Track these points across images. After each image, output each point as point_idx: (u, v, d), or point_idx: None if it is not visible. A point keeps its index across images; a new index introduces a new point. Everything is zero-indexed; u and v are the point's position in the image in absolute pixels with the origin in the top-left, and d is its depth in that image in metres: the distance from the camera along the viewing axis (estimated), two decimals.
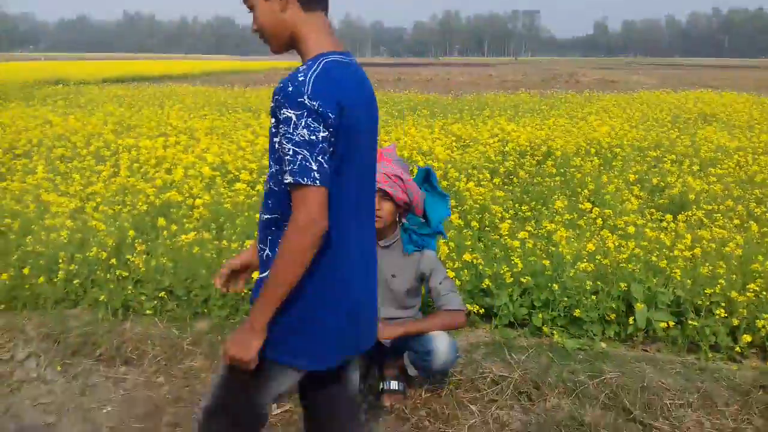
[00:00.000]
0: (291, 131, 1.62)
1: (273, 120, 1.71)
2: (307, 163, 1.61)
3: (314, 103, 1.61)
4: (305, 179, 1.60)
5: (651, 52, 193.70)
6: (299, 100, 1.61)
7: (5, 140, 7.74)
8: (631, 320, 3.65)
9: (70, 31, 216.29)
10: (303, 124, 1.61)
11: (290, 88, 1.63)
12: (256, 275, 1.96)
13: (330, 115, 1.63)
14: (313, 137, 1.61)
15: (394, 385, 3.21)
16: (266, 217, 1.82)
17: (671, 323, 3.64)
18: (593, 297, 3.74)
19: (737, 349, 3.51)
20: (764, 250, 4.27)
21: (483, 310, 3.81)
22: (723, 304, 3.65)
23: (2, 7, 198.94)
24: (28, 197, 5.15)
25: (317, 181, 1.61)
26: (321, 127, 1.62)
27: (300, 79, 1.64)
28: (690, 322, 3.59)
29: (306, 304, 1.75)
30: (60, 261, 4.07)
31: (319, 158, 1.62)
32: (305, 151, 1.61)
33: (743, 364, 3.52)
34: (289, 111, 1.62)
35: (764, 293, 3.71)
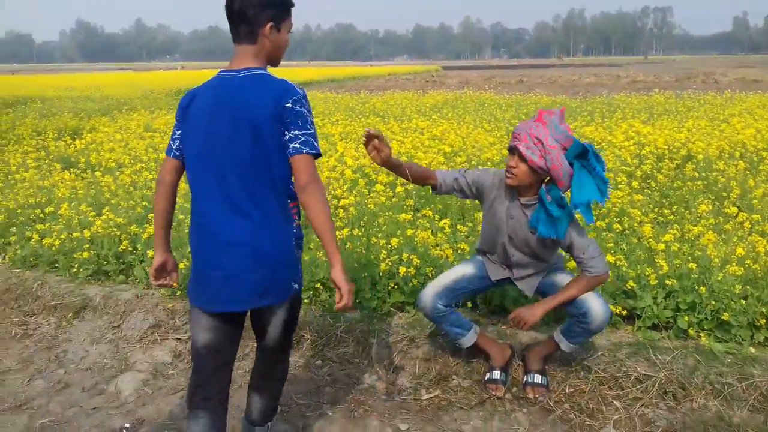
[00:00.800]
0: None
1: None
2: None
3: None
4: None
5: None
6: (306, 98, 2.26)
7: (164, 145, 8.55)
8: None
9: (202, 40, 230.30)
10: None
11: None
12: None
13: None
14: None
15: (537, 378, 3.34)
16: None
17: None
18: (742, 301, 3.67)
19: None
20: None
21: (625, 311, 3.85)
22: None
23: (141, 19, 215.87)
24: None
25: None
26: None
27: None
28: None
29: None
30: None
31: None
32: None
33: None
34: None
35: None
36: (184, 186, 5.84)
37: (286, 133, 2.19)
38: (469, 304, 4.16)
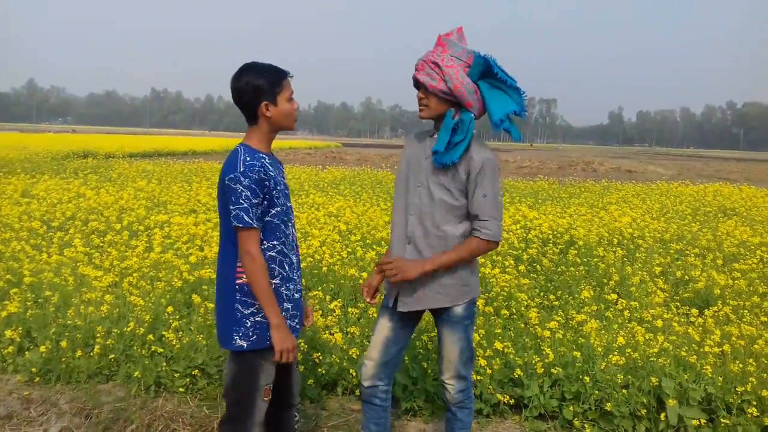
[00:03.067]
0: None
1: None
2: None
3: None
4: None
5: (665, 142, 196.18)
6: None
7: (41, 212, 7.98)
8: (662, 416, 3.63)
9: (99, 105, 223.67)
10: None
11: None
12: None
13: None
14: None
15: None
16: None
17: (703, 421, 3.61)
18: (624, 391, 3.73)
19: None
20: None
21: (513, 400, 3.81)
22: (755, 403, 3.63)
23: (35, 80, 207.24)
24: (66, 270, 5.29)
25: None
26: None
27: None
28: (722, 420, 3.56)
29: None
30: (97, 335, 4.16)
31: None
32: None
33: None
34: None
35: None
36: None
37: (228, 205, 2.49)
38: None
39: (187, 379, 3.95)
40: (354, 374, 3.94)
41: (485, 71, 2.71)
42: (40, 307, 4.69)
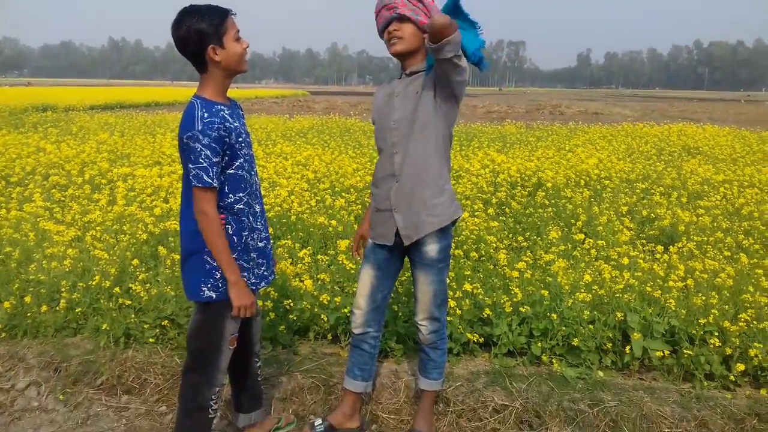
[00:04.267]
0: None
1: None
2: None
3: None
4: None
5: (632, 84, 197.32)
6: None
7: None
8: (627, 349, 3.73)
9: (55, 56, 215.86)
10: None
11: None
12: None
13: None
14: None
15: None
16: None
17: (667, 352, 3.72)
18: (591, 326, 3.81)
19: (731, 377, 3.59)
20: (754, 281, 4.38)
21: (482, 339, 3.87)
22: (716, 334, 3.74)
23: None
24: (27, 226, 5.16)
25: None
26: None
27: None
28: (685, 351, 3.67)
29: None
30: (62, 289, 4.09)
31: None
32: None
33: (737, 392, 3.60)
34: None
35: (755, 323, 3.80)
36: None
37: (187, 163, 2.40)
38: None
39: (157, 330, 3.92)
40: (325, 319, 3.96)
41: (453, 9, 2.74)
42: (2, 263, 4.59)
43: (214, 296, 2.53)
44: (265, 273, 2.72)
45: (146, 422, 3.34)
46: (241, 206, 2.54)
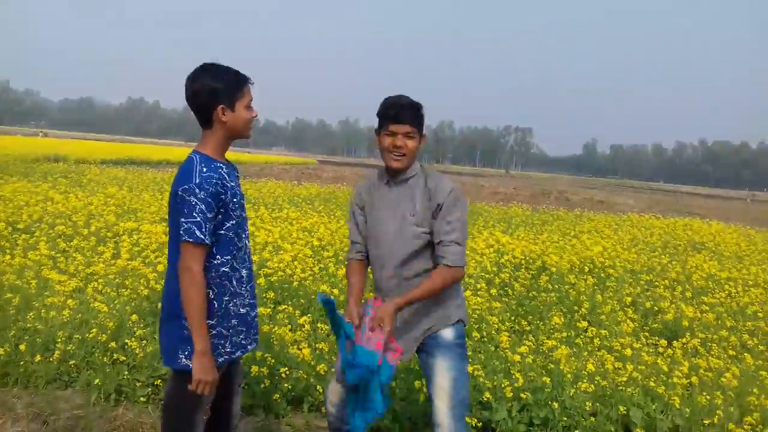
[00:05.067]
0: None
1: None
2: None
3: None
4: None
5: (637, 175, 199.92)
6: None
7: (6, 214, 7.78)
8: None
9: (73, 111, 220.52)
10: None
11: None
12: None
13: None
14: None
15: None
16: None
17: None
18: (592, 419, 3.72)
19: None
20: (759, 383, 4.30)
21: (481, 423, 3.77)
22: None
23: (9, 82, 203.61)
24: (30, 273, 5.14)
25: None
26: None
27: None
28: None
29: None
30: (58, 340, 4.04)
31: None
32: None
33: None
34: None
35: (760, 427, 3.71)
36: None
37: (179, 217, 2.34)
38: None
39: (149, 389, 3.84)
40: (320, 390, 3.87)
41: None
42: (1, 309, 4.54)
43: (190, 365, 2.38)
44: (243, 341, 2.57)
45: None
46: (226, 269, 2.44)
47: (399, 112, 2.71)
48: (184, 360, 2.40)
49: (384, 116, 2.75)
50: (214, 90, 2.38)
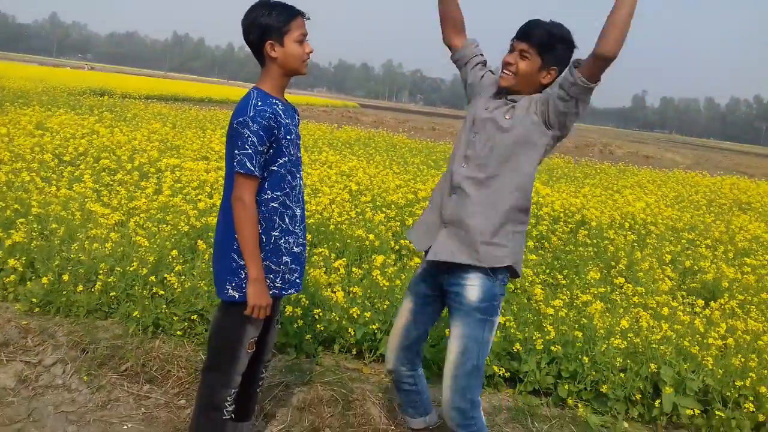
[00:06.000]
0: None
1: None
2: None
3: None
4: None
5: (687, 131, 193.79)
6: None
7: (53, 146, 7.96)
8: (657, 403, 3.61)
9: (119, 44, 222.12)
10: None
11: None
12: None
13: None
14: None
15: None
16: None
17: (698, 411, 3.59)
18: (621, 374, 3.71)
19: None
20: None
21: (508, 373, 3.80)
22: (751, 398, 3.60)
23: (57, 15, 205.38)
24: (74, 205, 5.28)
25: None
26: None
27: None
28: (717, 412, 3.54)
29: None
30: (100, 272, 4.16)
31: None
32: None
33: None
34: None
35: None
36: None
37: (233, 149, 2.39)
38: None
39: (186, 323, 3.96)
40: (352, 332, 3.93)
41: None
42: (46, 239, 4.69)
43: (237, 296, 2.48)
44: (297, 280, 2.64)
45: (164, 413, 3.35)
46: (276, 205, 2.48)
47: (524, 29, 2.57)
48: (231, 291, 2.48)
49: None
50: (263, 25, 2.40)
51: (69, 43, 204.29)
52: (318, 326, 3.97)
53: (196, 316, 3.96)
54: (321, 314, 3.99)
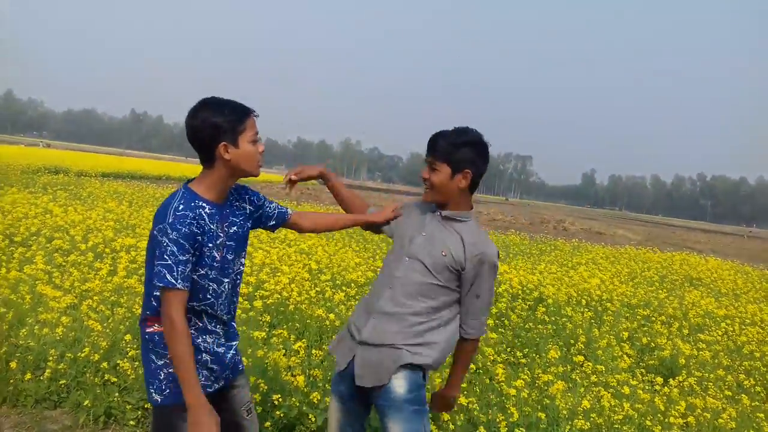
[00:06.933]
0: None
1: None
2: None
3: None
4: None
5: (635, 207, 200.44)
6: None
7: (4, 225, 7.76)
8: None
9: (75, 122, 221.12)
10: None
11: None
12: None
13: None
14: None
15: None
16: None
17: None
18: None
19: None
20: (756, 426, 4.26)
21: None
22: None
23: (12, 91, 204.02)
24: (24, 287, 5.11)
25: None
26: None
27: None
28: None
29: None
30: (49, 358, 3.99)
31: None
32: None
33: None
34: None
35: None
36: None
37: (153, 259, 2.18)
38: None
39: (139, 412, 3.79)
40: (313, 419, 3.82)
41: None
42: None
43: (159, 400, 2.25)
44: (215, 382, 2.37)
45: None
46: (197, 308, 2.28)
47: (429, 143, 2.61)
48: (154, 394, 2.27)
49: None
50: (215, 126, 2.20)
51: (24, 120, 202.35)
52: (277, 413, 3.85)
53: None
54: (281, 400, 3.88)
